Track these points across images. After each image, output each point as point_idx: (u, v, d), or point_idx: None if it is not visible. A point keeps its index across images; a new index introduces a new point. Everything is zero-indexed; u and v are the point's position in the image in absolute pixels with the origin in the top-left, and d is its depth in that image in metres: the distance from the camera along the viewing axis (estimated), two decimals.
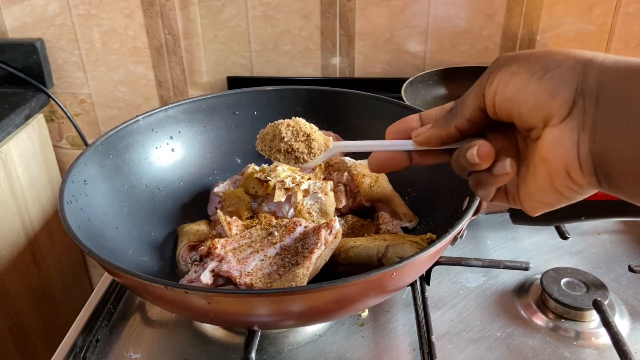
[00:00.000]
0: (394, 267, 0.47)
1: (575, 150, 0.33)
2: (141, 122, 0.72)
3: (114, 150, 0.69)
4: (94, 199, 0.64)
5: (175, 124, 0.76)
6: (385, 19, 1.05)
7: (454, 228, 0.51)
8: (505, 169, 0.37)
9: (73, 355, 0.59)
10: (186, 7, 1.07)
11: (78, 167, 0.63)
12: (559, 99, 0.33)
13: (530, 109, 0.34)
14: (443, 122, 0.40)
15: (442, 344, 0.60)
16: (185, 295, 0.46)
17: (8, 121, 1.02)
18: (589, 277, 0.65)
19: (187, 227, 0.69)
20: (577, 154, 0.33)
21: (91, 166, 0.65)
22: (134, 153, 0.72)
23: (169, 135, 0.75)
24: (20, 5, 1.10)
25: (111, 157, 0.68)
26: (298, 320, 0.53)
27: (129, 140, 0.71)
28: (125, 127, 0.71)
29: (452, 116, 0.39)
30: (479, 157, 0.37)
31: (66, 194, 0.58)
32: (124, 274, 0.49)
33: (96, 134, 1.23)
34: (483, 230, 0.78)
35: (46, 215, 1.17)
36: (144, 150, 0.73)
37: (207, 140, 0.78)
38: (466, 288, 0.68)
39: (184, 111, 0.76)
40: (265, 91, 0.79)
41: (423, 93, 1.00)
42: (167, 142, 0.75)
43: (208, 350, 0.60)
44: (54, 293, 1.19)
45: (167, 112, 0.75)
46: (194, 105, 0.77)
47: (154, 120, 0.74)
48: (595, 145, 0.32)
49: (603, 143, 0.31)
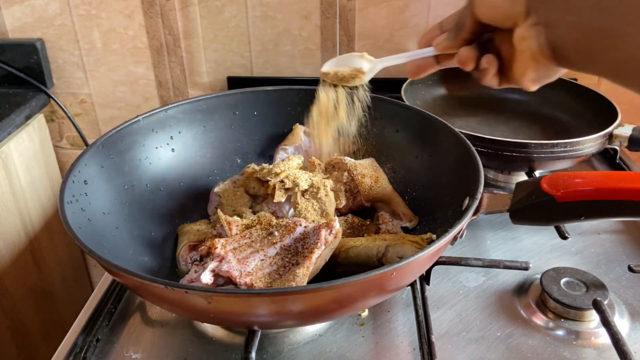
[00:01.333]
0: (394, 267, 0.47)
1: (536, 42, 0.43)
2: (142, 122, 0.72)
3: (114, 150, 0.69)
4: (94, 198, 0.64)
5: (175, 124, 0.76)
6: (385, 19, 1.05)
7: (453, 228, 0.51)
8: (483, 64, 0.50)
9: (73, 355, 0.59)
10: (186, 7, 1.07)
11: (78, 167, 0.63)
12: (517, 5, 0.43)
13: (503, 16, 0.45)
14: (453, 36, 0.51)
15: (442, 344, 0.60)
16: (186, 295, 0.46)
17: (8, 121, 1.03)
18: (589, 277, 0.65)
19: (188, 227, 0.69)
20: (538, 44, 0.43)
21: (92, 166, 0.65)
22: (135, 153, 0.72)
23: (170, 135, 0.75)
24: (20, 5, 1.10)
25: (112, 157, 0.68)
26: (298, 320, 0.53)
27: (129, 140, 0.71)
28: (126, 127, 0.71)
29: (458, 31, 0.50)
30: (459, 61, 0.51)
31: (66, 193, 0.58)
32: (124, 274, 0.49)
33: (96, 134, 1.23)
34: (483, 230, 0.78)
35: (46, 215, 1.17)
36: (145, 150, 0.73)
37: (208, 140, 0.78)
38: (466, 288, 0.68)
39: (184, 111, 0.76)
40: (265, 91, 0.79)
41: (423, 93, 1.00)
42: (167, 142, 0.75)
43: (208, 350, 0.60)
44: (54, 293, 1.19)
45: (168, 112, 0.75)
46: (194, 105, 0.77)
47: (154, 120, 0.74)
48: (550, 35, 0.42)
49: (554, 32, 0.41)
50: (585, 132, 0.79)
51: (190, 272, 0.60)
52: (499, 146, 0.78)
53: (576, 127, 0.91)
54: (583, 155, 0.79)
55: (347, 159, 0.73)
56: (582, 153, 0.79)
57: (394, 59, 0.57)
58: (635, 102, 1.07)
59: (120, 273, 0.49)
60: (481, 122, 0.96)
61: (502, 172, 0.89)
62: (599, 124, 0.82)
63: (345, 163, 0.72)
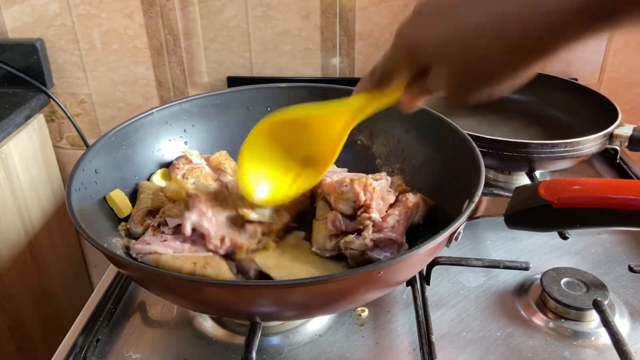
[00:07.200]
0: (387, 264, 0.48)
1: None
2: (155, 115, 0.73)
3: (127, 142, 0.70)
4: (103, 187, 0.65)
5: (189, 117, 0.76)
6: (385, 19, 1.05)
7: (446, 229, 0.51)
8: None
9: (73, 355, 0.59)
10: (186, 7, 1.07)
11: (90, 155, 0.64)
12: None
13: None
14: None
15: (442, 344, 0.60)
16: (186, 284, 0.48)
17: (8, 121, 1.03)
18: (589, 277, 0.65)
19: (148, 185, 0.70)
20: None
21: (103, 156, 0.66)
22: (147, 145, 0.72)
23: (183, 129, 0.76)
24: (20, 5, 1.10)
25: (124, 148, 0.69)
26: (298, 311, 0.54)
27: (142, 132, 0.72)
28: (140, 119, 0.71)
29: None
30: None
31: (75, 180, 0.59)
32: (122, 263, 0.51)
33: (96, 134, 1.23)
34: (483, 231, 0.78)
35: (46, 215, 1.17)
36: (157, 143, 0.74)
37: (220, 134, 0.78)
38: (466, 288, 0.68)
39: (199, 105, 0.77)
40: (279, 88, 0.80)
41: None
42: (180, 136, 0.76)
43: (208, 350, 0.60)
44: (54, 293, 1.19)
45: (182, 106, 0.75)
46: (209, 99, 0.77)
47: (168, 114, 0.74)
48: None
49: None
50: (586, 132, 0.79)
51: (147, 235, 0.61)
52: (499, 146, 0.78)
53: (576, 127, 0.91)
54: (583, 155, 0.79)
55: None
56: (582, 153, 0.79)
57: None
58: (635, 102, 1.07)
59: (118, 261, 0.51)
60: (481, 122, 0.96)
61: (502, 173, 0.89)
62: (599, 124, 0.82)
63: None
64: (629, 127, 0.82)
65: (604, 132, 0.79)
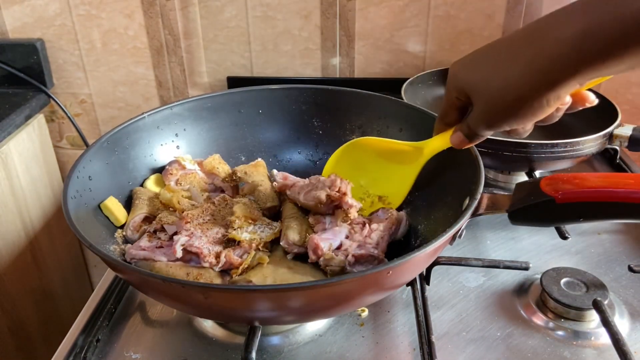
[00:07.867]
0: (396, 264, 0.47)
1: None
2: (147, 119, 0.73)
3: (119, 147, 0.70)
4: (98, 194, 0.64)
5: (180, 121, 0.76)
6: (385, 19, 1.05)
7: (452, 227, 0.51)
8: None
9: (73, 355, 0.59)
10: (186, 7, 1.07)
11: (83, 162, 0.63)
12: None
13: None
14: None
15: (442, 344, 0.60)
16: (183, 289, 0.47)
17: (8, 121, 1.03)
18: (589, 277, 0.65)
19: (143, 191, 0.70)
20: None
21: (96, 162, 0.66)
22: (139, 150, 0.72)
23: (174, 133, 0.76)
24: (20, 5, 1.10)
25: (116, 154, 0.69)
26: (297, 315, 0.53)
27: (134, 137, 0.71)
28: (131, 124, 0.71)
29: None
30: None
31: (70, 189, 0.59)
32: (123, 268, 0.50)
33: (96, 134, 1.23)
34: (483, 230, 0.78)
35: (46, 215, 1.17)
36: (149, 147, 0.73)
37: (212, 138, 0.78)
38: (466, 288, 0.68)
39: (190, 109, 0.76)
40: (270, 90, 0.79)
41: (423, 93, 1.00)
42: (172, 140, 0.76)
43: (208, 350, 0.60)
44: (54, 293, 1.20)
45: (173, 110, 0.75)
46: (200, 103, 0.77)
47: (159, 118, 0.74)
48: None
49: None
50: (585, 132, 0.79)
51: (142, 240, 0.62)
52: (499, 146, 0.78)
53: (576, 127, 0.91)
54: (583, 155, 0.79)
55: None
56: (582, 153, 0.79)
57: None
58: (635, 102, 1.07)
59: (119, 267, 0.51)
60: None
61: (502, 172, 0.89)
62: (599, 124, 0.82)
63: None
64: (628, 127, 0.82)
65: (603, 132, 0.79)
